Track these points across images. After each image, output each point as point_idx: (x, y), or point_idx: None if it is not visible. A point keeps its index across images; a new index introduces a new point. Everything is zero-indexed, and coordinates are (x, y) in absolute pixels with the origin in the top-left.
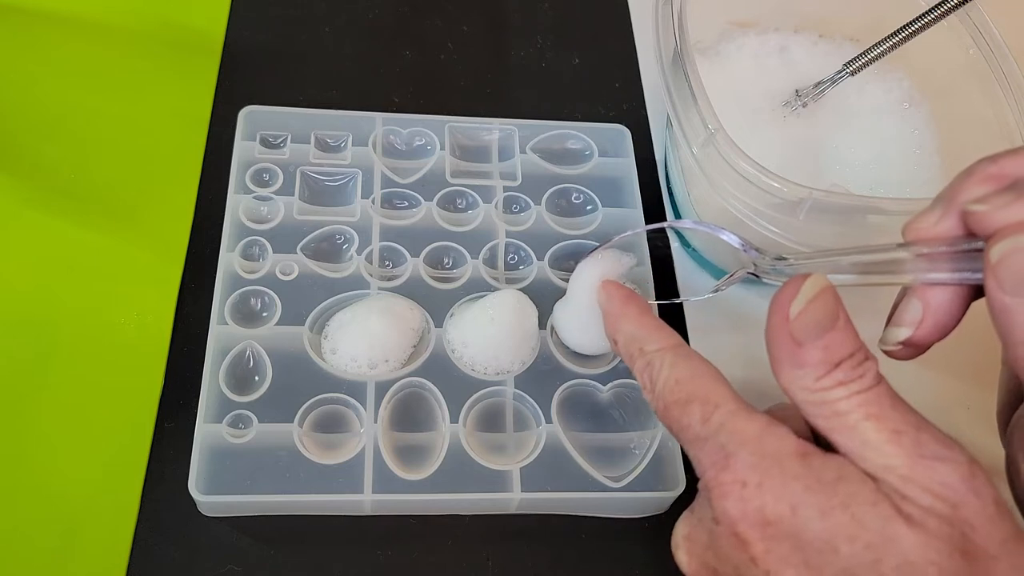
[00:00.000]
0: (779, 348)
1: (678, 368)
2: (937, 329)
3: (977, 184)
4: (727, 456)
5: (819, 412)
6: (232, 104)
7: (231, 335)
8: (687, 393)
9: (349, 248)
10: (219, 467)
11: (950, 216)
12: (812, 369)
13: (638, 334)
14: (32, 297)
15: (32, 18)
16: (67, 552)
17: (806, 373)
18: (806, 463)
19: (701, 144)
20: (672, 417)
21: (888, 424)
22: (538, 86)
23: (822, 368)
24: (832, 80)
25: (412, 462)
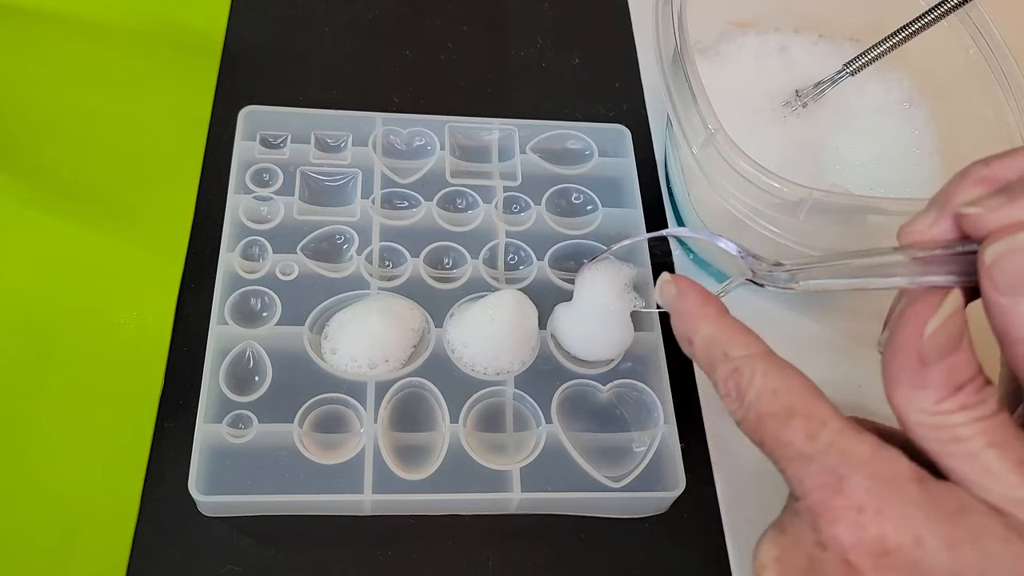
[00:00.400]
0: (901, 366)
1: (772, 377)
2: None
3: (970, 187)
4: (840, 479)
5: (935, 436)
6: (232, 104)
7: (231, 335)
8: (787, 406)
9: (349, 248)
10: (219, 467)
11: (944, 219)
12: (934, 391)
13: (720, 336)
14: (32, 297)
15: (32, 18)
16: (67, 552)
17: (927, 395)
18: (925, 489)
19: (701, 144)
20: (767, 431)
21: (1013, 454)
22: (538, 86)
23: (944, 390)
24: (832, 80)
25: (412, 462)
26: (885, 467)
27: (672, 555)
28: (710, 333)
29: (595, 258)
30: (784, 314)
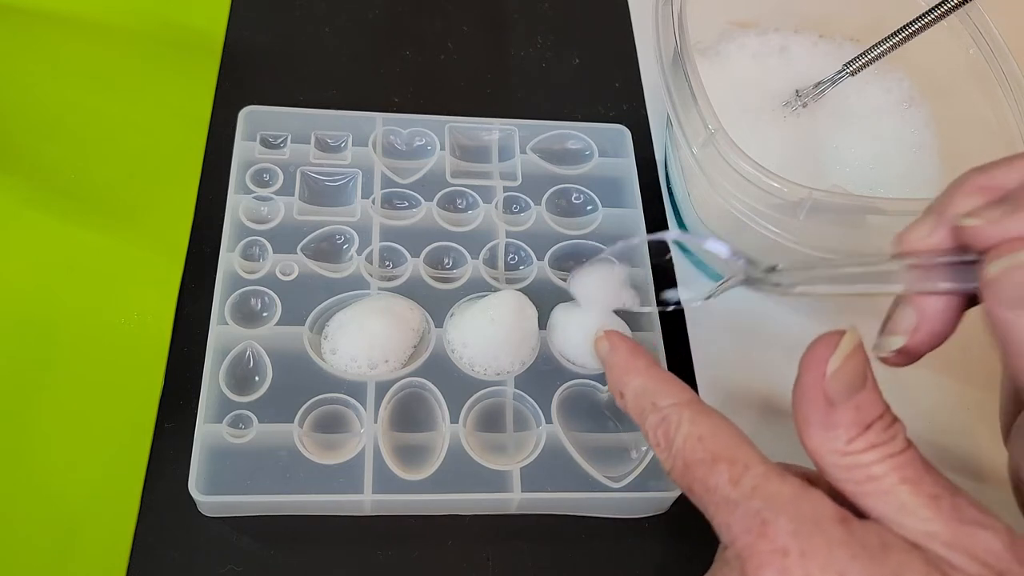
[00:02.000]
0: (810, 409)
1: (699, 424)
2: (931, 337)
3: (968, 196)
4: (764, 523)
5: (850, 476)
6: (232, 104)
7: (231, 335)
8: (712, 452)
9: (349, 248)
10: (219, 467)
11: (941, 228)
12: (844, 431)
13: (648, 387)
14: (32, 297)
15: (32, 18)
16: (67, 552)
17: (838, 435)
18: (848, 529)
19: (701, 144)
20: (694, 477)
21: (924, 488)
22: (538, 86)
23: (854, 429)
24: (832, 80)
25: (412, 462)
26: (808, 508)
27: (672, 555)
28: (640, 385)
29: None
30: (783, 315)
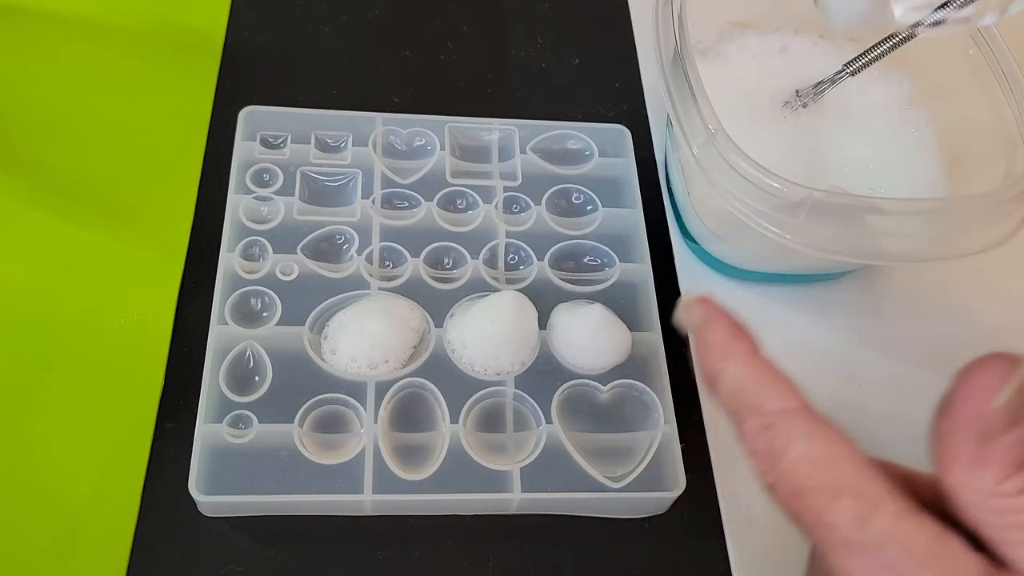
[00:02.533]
0: (960, 443)
1: (815, 443)
2: None
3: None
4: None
5: (996, 521)
6: (232, 104)
7: (231, 335)
8: (833, 482)
9: (349, 248)
10: (219, 467)
11: None
12: (995, 469)
13: (751, 382)
14: (32, 298)
15: (32, 18)
16: (67, 552)
17: (989, 475)
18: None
19: (701, 144)
20: (807, 507)
21: None
22: (538, 86)
23: (1007, 469)
24: (832, 80)
25: (412, 462)
26: (950, 565)
27: (672, 555)
28: (740, 376)
29: None
30: (785, 313)
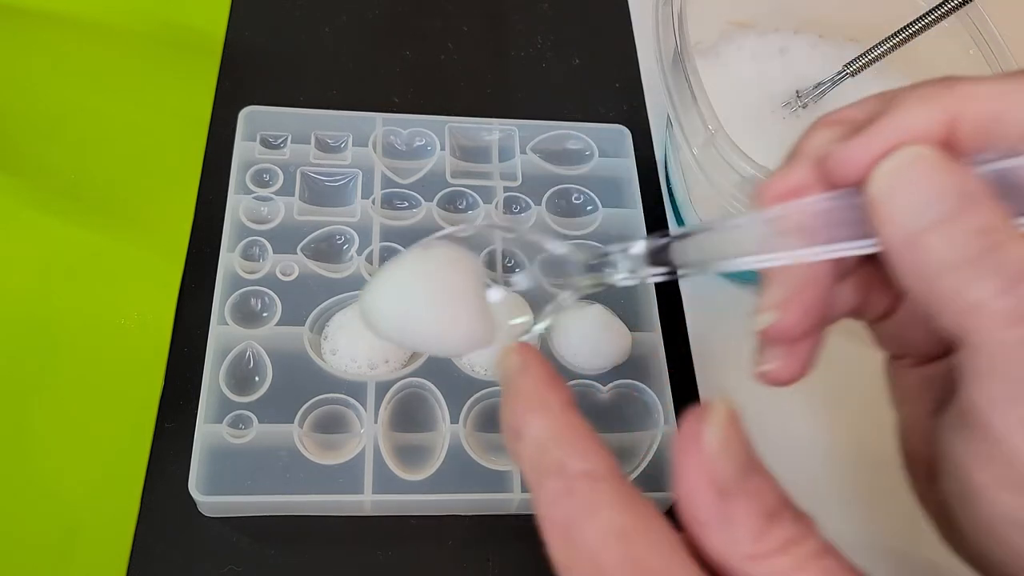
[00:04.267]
0: (702, 506)
1: (622, 512)
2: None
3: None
4: None
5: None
6: (232, 104)
7: (231, 335)
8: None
9: (349, 248)
10: (219, 467)
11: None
12: (747, 526)
13: (560, 437)
14: (32, 298)
15: (32, 18)
16: (67, 552)
17: (742, 534)
18: None
19: (701, 144)
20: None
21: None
22: (538, 86)
23: (758, 521)
24: (832, 81)
25: (412, 462)
26: None
27: None
28: (546, 430)
29: None
30: None
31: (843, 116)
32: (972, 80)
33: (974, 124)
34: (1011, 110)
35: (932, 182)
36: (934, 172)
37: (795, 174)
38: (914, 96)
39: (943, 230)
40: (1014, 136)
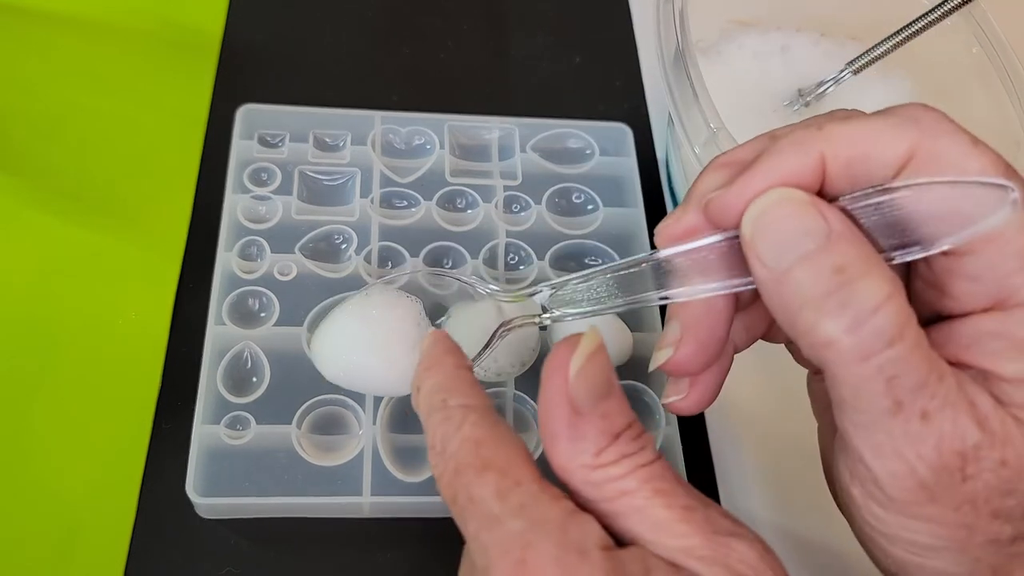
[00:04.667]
0: (556, 419)
1: (480, 428)
2: (700, 350)
3: (712, 173)
4: (526, 546)
5: (602, 495)
6: (230, 103)
7: (229, 336)
8: (485, 459)
9: (348, 248)
10: (217, 469)
11: (691, 211)
12: (592, 442)
13: (446, 385)
14: (29, 298)
15: (30, 18)
16: (64, 554)
17: (586, 447)
18: (613, 557)
19: (703, 143)
20: (461, 484)
21: (678, 500)
22: (538, 84)
23: (603, 439)
24: (834, 79)
25: (411, 464)
26: (576, 534)
27: None
28: (438, 382)
29: None
30: None
31: (732, 158)
32: (842, 121)
33: (843, 164)
34: (876, 150)
35: (794, 222)
36: (796, 212)
37: (686, 218)
38: (786, 140)
39: (802, 268)
40: (880, 175)
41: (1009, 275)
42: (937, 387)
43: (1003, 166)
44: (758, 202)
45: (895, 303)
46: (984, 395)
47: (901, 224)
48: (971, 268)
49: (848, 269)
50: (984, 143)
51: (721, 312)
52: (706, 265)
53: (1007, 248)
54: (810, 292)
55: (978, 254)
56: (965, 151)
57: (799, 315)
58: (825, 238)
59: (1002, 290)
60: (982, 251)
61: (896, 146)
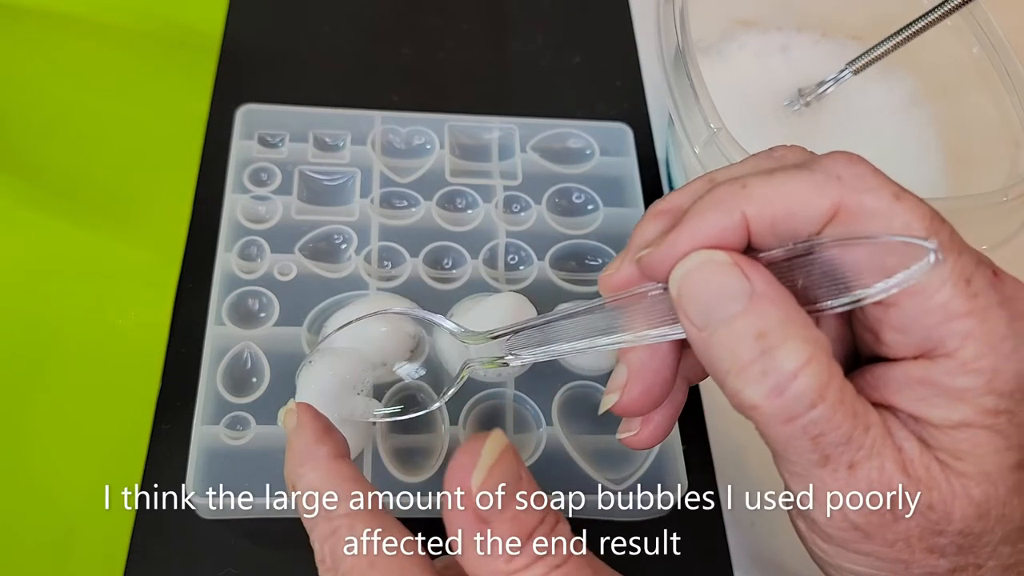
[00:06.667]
0: (464, 532)
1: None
2: (646, 393)
3: (648, 224)
4: None
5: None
6: (230, 103)
7: (229, 336)
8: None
9: (348, 248)
10: (217, 469)
11: (628, 263)
12: (504, 547)
13: (324, 486)
14: (28, 298)
15: (30, 18)
16: (64, 555)
17: (497, 556)
18: None
19: (703, 143)
20: None
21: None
22: (538, 84)
23: (514, 545)
24: (835, 79)
25: (411, 464)
26: None
27: (673, 557)
28: (315, 481)
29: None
30: None
31: (669, 205)
32: (765, 178)
33: (767, 223)
34: (800, 208)
35: (716, 283)
36: (718, 274)
37: (624, 270)
38: (709, 199)
39: (726, 332)
40: (805, 230)
41: (933, 327)
42: (863, 439)
43: (927, 219)
44: (683, 264)
45: (815, 366)
46: (912, 440)
47: (829, 276)
48: (898, 320)
49: (769, 335)
50: (910, 194)
51: (666, 356)
52: (650, 312)
53: (929, 302)
54: (733, 360)
55: (903, 307)
56: (888, 206)
57: (725, 379)
58: (748, 299)
59: (927, 341)
60: (907, 304)
61: (819, 203)
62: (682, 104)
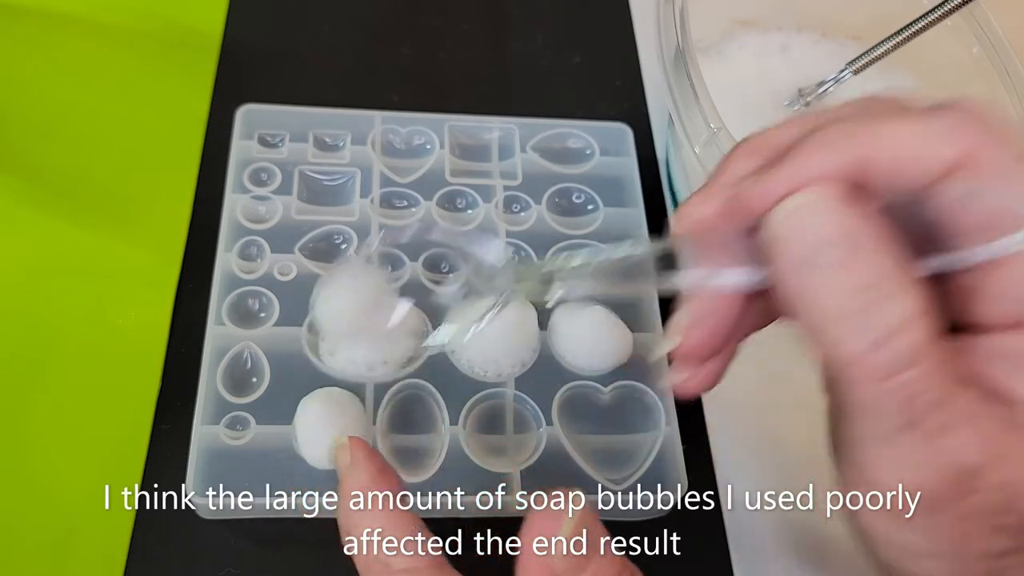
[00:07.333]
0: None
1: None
2: (710, 337)
3: (742, 159)
4: None
5: None
6: (230, 103)
7: (229, 336)
8: None
9: (348, 248)
10: (217, 469)
11: (715, 198)
12: None
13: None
14: (28, 298)
15: (30, 18)
16: (63, 555)
17: None
18: None
19: (703, 143)
20: None
21: None
22: (538, 84)
23: None
24: (835, 79)
25: (412, 464)
26: None
27: (673, 557)
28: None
29: None
30: None
31: (765, 143)
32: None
33: (884, 168)
34: (921, 154)
35: (824, 229)
36: (827, 218)
37: (710, 204)
38: (819, 139)
39: (828, 281)
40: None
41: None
42: (952, 406)
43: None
44: (789, 202)
45: (922, 323)
46: (994, 415)
47: (939, 232)
48: (1001, 283)
49: (875, 286)
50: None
51: (733, 301)
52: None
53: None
54: (834, 308)
55: (1010, 269)
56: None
57: (821, 328)
58: (856, 246)
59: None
60: (1013, 268)
61: (943, 152)
62: (682, 104)
